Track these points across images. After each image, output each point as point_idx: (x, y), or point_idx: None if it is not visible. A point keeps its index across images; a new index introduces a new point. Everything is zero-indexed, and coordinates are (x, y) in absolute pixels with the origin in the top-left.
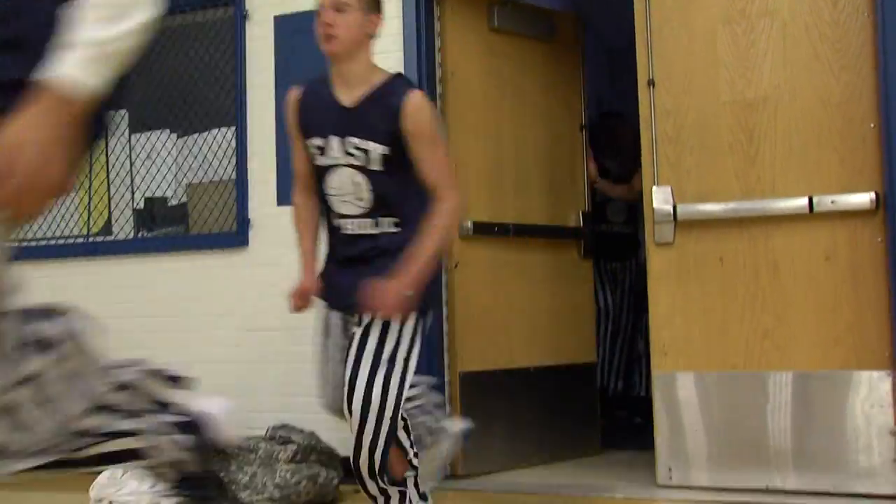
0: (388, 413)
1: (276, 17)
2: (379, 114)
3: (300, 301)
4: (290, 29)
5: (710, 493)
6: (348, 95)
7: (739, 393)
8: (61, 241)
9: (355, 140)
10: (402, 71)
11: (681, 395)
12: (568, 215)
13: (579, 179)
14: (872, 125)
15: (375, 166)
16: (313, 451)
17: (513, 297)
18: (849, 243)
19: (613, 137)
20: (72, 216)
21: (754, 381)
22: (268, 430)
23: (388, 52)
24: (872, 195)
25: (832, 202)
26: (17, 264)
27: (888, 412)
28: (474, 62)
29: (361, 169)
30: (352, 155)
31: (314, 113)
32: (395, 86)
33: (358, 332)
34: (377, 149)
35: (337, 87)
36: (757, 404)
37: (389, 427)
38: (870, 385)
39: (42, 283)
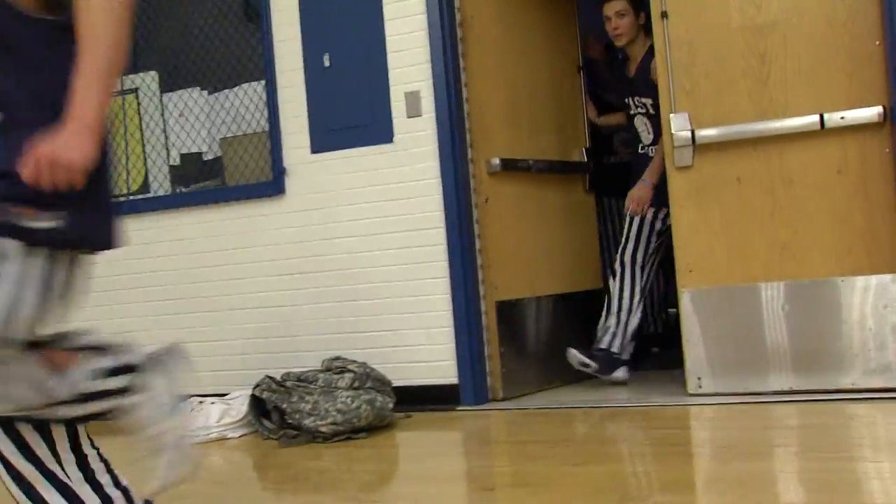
0: None
1: None
2: None
3: None
4: None
5: (738, 397)
6: None
7: (761, 303)
8: None
9: None
10: (424, 16)
11: (706, 308)
12: (572, 152)
13: (580, 118)
14: (877, 42)
15: None
16: (369, 378)
17: (534, 230)
18: (859, 156)
19: (611, 70)
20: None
21: (775, 291)
22: (323, 363)
23: None
24: (880, 109)
25: (842, 118)
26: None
27: None
28: (489, 8)
29: None
30: None
31: None
32: None
33: None
34: None
35: None
36: (777, 312)
37: None
38: (882, 287)
39: None
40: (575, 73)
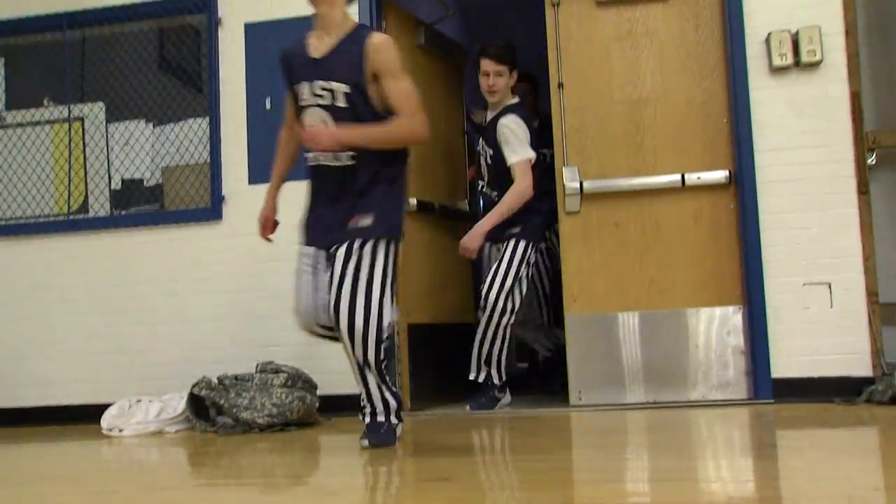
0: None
1: (246, 24)
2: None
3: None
4: (259, 34)
5: (610, 408)
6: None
7: (631, 328)
8: (42, 220)
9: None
10: None
11: (587, 332)
12: (459, 202)
13: (462, 173)
14: (725, 120)
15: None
16: (300, 378)
17: (439, 265)
18: (711, 209)
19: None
20: (52, 196)
21: (645, 318)
22: (258, 366)
23: None
24: (727, 173)
25: (698, 178)
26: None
27: (740, 336)
28: (408, 71)
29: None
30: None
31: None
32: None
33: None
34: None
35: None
36: (646, 337)
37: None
38: (727, 317)
39: (28, 257)
40: (460, 135)
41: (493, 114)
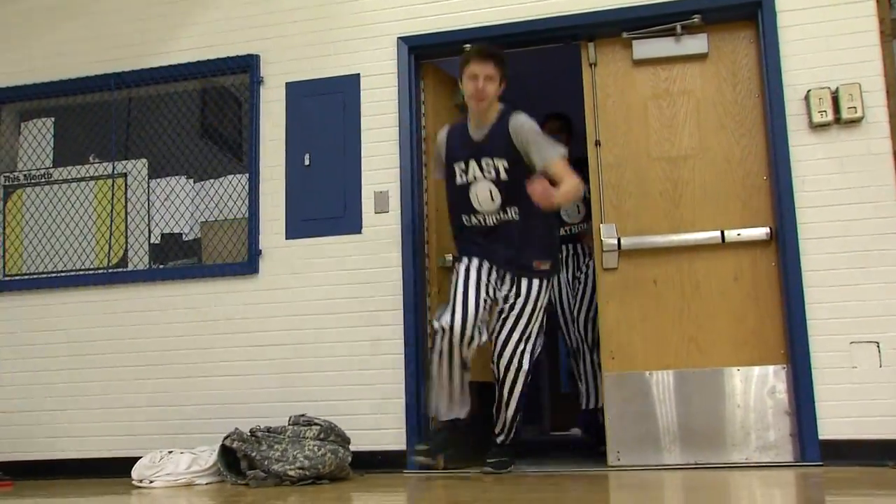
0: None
1: (287, 83)
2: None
3: None
4: (300, 93)
5: (651, 470)
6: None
7: (672, 387)
8: (81, 273)
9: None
10: (397, 131)
11: (626, 391)
12: None
13: None
14: (765, 178)
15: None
16: (332, 432)
17: None
18: (751, 267)
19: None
20: (93, 250)
21: (683, 377)
22: (290, 419)
23: (387, 113)
24: (767, 229)
25: (738, 235)
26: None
27: (784, 397)
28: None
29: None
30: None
31: None
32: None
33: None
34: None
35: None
36: (685, 396)
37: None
38: (769, 376)
39: (67, 309)
40: None
41: (489, 125)
